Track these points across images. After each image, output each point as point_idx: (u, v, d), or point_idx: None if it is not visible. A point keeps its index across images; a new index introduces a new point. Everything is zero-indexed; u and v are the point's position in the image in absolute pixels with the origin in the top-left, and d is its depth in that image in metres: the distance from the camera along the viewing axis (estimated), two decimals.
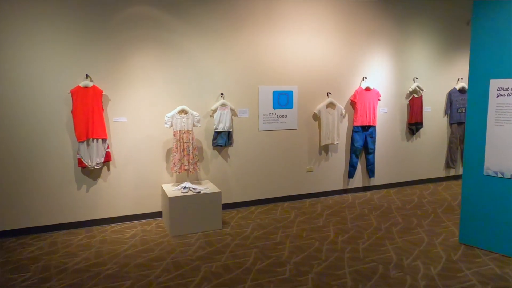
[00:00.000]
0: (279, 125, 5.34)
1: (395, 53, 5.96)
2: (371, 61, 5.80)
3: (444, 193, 5.91)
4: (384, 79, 5.94)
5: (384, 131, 6.05)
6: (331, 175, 5.77)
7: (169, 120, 4.43)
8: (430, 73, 6.29)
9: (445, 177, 6.69)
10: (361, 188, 6.03)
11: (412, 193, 5.93)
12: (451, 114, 6.51)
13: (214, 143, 4.88)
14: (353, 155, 5.79)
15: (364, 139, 5.80)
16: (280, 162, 5.41)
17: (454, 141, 6.58)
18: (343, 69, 5.62)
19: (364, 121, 5.73)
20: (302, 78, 5.38)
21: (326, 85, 5.54)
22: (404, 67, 6.07)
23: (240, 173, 5.19)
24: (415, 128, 6.23)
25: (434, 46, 6.26)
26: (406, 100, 6.18)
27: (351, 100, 5.69)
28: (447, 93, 6.48)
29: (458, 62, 6.52)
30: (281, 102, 5.31)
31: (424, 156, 6.46)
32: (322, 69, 5.48)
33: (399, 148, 6.24)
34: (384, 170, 6.14)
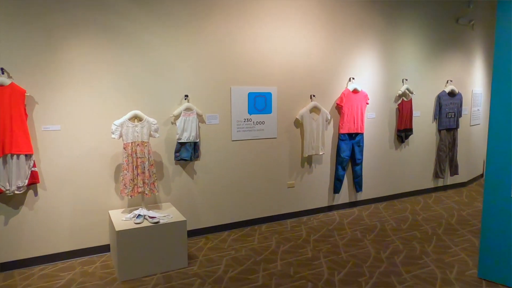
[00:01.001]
0: (256, 134, 4.48)
1: (383, 51, 5.30)
2: (359, 60, 5.09)
3: (437, 208, 5.32)
4: (372, 80, 5.26)
5: (371, 139, 5.36)
6: (315, 191, 4.99)
7: (117, 129, 3.43)
8: (419, 75, 5.70)
9: (433, 188, 6.14)
10: (348, 204, 5.30)
11: (403, 209, 5.28)
12: (440, 119, 5.96)
13: (177, 156, 3.93)
14: (339, 166, 5.05)
15: (351, 149, 5.07)
16: (257, 177, 4.55)
17: (443, 148, 6.03)
18: (329, 69, 4.87)
19: (352, 128, 5.01)
20: (282, 78, 4.56)
21: (310, 86, 4.76)
22: (393, 67, 5.43)
23: (210, 192, 4.27)
24: (404, 135, 5.60)
25: (423, 45, 5.68)
26: (395, 104, 5.54)
27: (337, 104, 4.95)
28: (436, 96, 5.93)
29: (448, 63, 5.99)
30: (258, 106, 4.45)
31: (413, 166, 5.86)
32: (305, 68, 4.69)
33: (387, 158, 5.58)
34: (372, 183, 5.45)
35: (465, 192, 6.14)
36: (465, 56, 6.21)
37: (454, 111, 5.99)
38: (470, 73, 6.37)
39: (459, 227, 4.54)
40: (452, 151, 6.13)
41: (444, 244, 4.03)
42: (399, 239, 4.18)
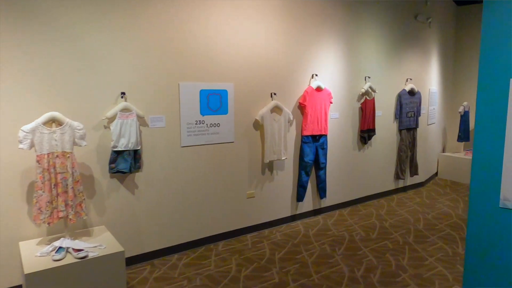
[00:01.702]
0: (210, 138, 3.84)
1: (345, 47, 4.91)
2: (321, 55, 4.65)
3: (402, 211, 5.06)
4: (335, 77, 4.85)
5: (335, 141, 4.96)
6: (277, 200, 4.46)
7: (26, 137, 2.59)
8: (380, 72, 5.41)
9: (394, 189, 5.92)
10: (312, 212, 4.85)
11: (368, 214, 4.95)
12: (400, 118, 5.75)
13: (113, 168, 3.17)
14: (302, 172, 4.57)
15: (315, 152, 4.62)
16: (212, 188, 3.91)
17: (403, 149, 5.83)
18: (290, 64, 4.36)
19: (315, 129, 4.56)
20: (240, 73, 3.96)
21: (270, 83, 4.21)
22: (355, 64, 5.07)
23: (155, 209, 3.55)
24: (367, 136, 5.28)
25: (384, 41, 5.40)
26: (358, 103, 5.20)
27: (299, 103, 4.46)
28: (397, 95, 5.70)
29: (407, 61, 5.79)
30: (211, 105, 3.82)
31: (375, 168, 5.58)
32: (265, 63, 4.14)
33: (351, 161, 5.23)
34: (335, 188, 5.06)
35: (425, 193, 6.01)
36: (423, 54, 6.07)
37: (414, 110, 5.81)
38: (428, 71, 6.26)
39: (428, 233, 4.28)
40: (412, 151, 5.96)
41: (418, 256, 3.70)
42: (371, 251, 3.79)
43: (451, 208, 5.19)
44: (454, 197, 5.74)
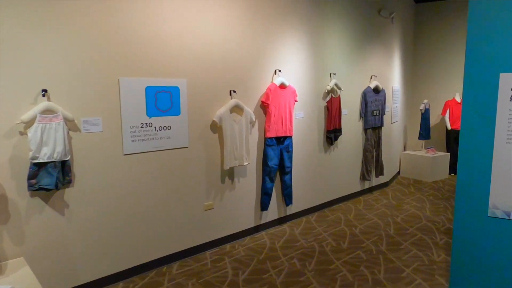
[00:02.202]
0: (159, 143, 3.28)
1: (311, 41, 4.54)
2: (285, 49, 4.23)
3: (370, 215, 4.80)
4: (299, 73, 4.47)
5: (300, 143, 4.58)
6: (239, 211, 3.99)
7: None
8: (345, 69, 5.11)
9: (360, 191, 5.68)
10: (277, 220, 4.43)
11: (336, 220, 4.63)
12: (365, 117, 5.50)
13: (33, 184, 2.52)
14: (267, 178, 4.13)
15: (279, 155, 4.21)
16: (162, 201, 3.35)
17: (369, 149, 5.60)
18: (252, 59, 3.90)
19: (280, 131, 4.14)
20: (194, 68, 3.43)
21: (229, 79, 3.72)
22: (320, 60, 4.72)
23: (92, 230, 2.94)
24: (333, 137, 4.96)
25: (349, 36, 5.10)
26: (323, 102, 4.85)
27: (262, 101, 4.01)
28: (362, 92, 5.44)
29: (371, 57, 5.55)
30: (160, 105, 3.26)
31: (341, 170, 5.28)
32: (224, 56, 3.64)
33: (317, 164, 4.88)
34: (301, 193, 4.69)
35: (390, 193, 5.83)
36: (386, 51, 5.88)
37: (379, 109, 5.59)
38: (391, 68, 6.09)
39: (401, 239, 4.02)
40: (377, 151, 5.75)
41: (394, 267, 3.40)
42: (344, 265, 3.43)
43: (418, 209, 5.01)
44: (419, 197, 5.60)
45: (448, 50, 7.22)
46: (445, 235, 4.12)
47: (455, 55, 7.16)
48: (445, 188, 6.12)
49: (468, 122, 2.50)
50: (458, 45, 7.12)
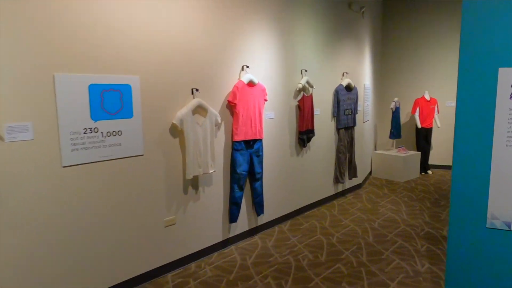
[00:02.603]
0: (108, 151, 2.77)
1: (280, 35, 4.17)
2: (252, 44, 3.83)
3: (346, 221, 4.51)
4: (268, 70, 4.08)
5: (271, 146, 4.20)
6: (205, 224, 3.54)
7: None
8: (317, 65, 4.80)
9: (334, 195, 5.40)
10: (247, 232, 4.03)
11: (311, 229, 4.29)
12: (338, 117, 5.22)
13: None
14: (235, 186, 3.72)
15: (249, 161, 3.80)
16: (113, 220, 2.84)
17: (342, 150, 5.33)
18: (217, 53, 3.46)
19: (248, 133, 3.73)
20: (149, 63, 2.95)
21: (191, 76, 3.27)
22: (291, 55, 4.37)
23: (23, 260, 2.39)
24: (306, 138, 4.63)
25: (320, 31, 4.79)
26: (295, 101, 4.50)
27: (229, 101, 3.59)
28: (334, 90, 5.16)
29: (343, 53, 5.28)
30: (108, 106, 2.75)
31: (314, 174, 4.97)
32: (184, 50, 3.17)
33: (289, 168, 4.52)
34: (273, 201, 4.31)
35: (364, 195, 5.60)
36: (357, 46, 5.64)
37: (351, 108, 5.33)
38: (362, 65, 5.87)
39: (381, 248, 3.75)
40: (350, 152, 5.50)
41: (378, 281, 3.10)
42: (324, 281, 3.08)
43: (394, 213, 4.79)
44: (394, 199, 5.41)
45: (417, 47, 7.14)
46: (426, 240, 3.90)
47: (424, 52, 7.09)
48: (418, 188, 5.98)
49: (463, 123, 2.21)
50: (426, 42, 7.05)
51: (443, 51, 6.97)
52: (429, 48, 7.06)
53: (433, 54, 7.03)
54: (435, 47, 7.01)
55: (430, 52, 7.05)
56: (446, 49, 6.95)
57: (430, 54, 7.05)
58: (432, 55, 7.04)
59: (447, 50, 6.94)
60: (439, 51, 7.00)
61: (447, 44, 6.93)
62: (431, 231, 4.16)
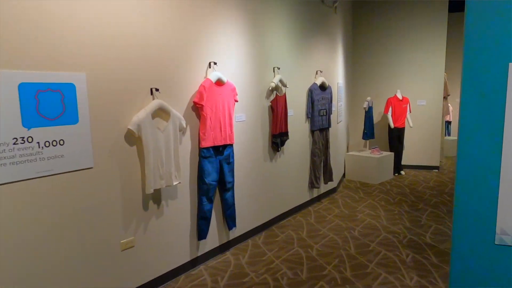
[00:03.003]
0: (46, 165, 2.26)
1: (250, 29, 3.79)
2: (221, 38, 3.42)
3: (325, 230, 4.21)
4: (238, 67, 3.69)
5: (242, 151, 3.81)
6: (169, 244, 3.09)
7: None
8: (290, 63, 4.47)
9: (309, 201, 5.10)
10: (218, 249, 3.61)
11: (288, 240, 3.95)
12: (312, 118, 4.92)
13: None
14: (204, 198, 3.29)
15: (219, 169, 3.39)
16: (56, 247, 2.33)
17: (317, 153, 5.03)
18: (180, 48, 3.02)
19: (218, 138, 3.32)
20: (98, 58, 2.46)
21: (150, 74, 2.81)
22: (262, 50, 4.00)
23: None
24: (280, 141, 4.28)
25: (293, 26, 4.46)
26: (267, 101, 4.14)
27: (194, 102, 3.15)
28: (308, 90, 4.85)
29: (316, 50, 4.99)
30: (46, 110, 2.24)
31: (289, 179, 4.63)
32: (142, 44, 2.71)
33: (262, 174, 4.15)
34: (246, 212, 3.93)
35: (340, 200, 5.34)
36: (331, 43, 5.38)
37: (326, 108, 5.05)
38: (336, 62, 5.61)
39: (364, 259, 3.47)
40: (326, 155, 5.22)
41: None
42: None
43: (373, 218, 4.55)
44: (371, 203, 5.19)
45: (387, 45, 7.02)
46: (410, 249, 3.66)
47: (395, 50, 6.98)
48: (394, 190, 5.81)
49: (468, 125, 1.93)
50: (397, 40, 6.94)
51: (413, 49, 6.90)
52: (400, 46, 6.96)
53: (404, 52, 6.94)
54: (405, 45, 6.92)
55: (401, 50, 6.95)
56: (416, 48, 6.87)
57: (401, 52, 6.96)
58: (403, 53, 6.94)
59: (417, 48, 6.87)
60: (410, 49, 6.91)
61: (416, 42, 6.86)
62: (414, 237, 3.94)
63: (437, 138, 7.05)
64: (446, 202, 5.14)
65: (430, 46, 6.79)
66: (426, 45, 6.81)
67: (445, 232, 4.08)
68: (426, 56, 6.84)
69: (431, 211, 4.80)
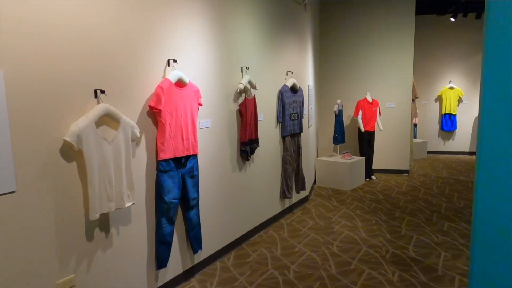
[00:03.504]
0: None
1: (216, 24, 3.33)
2: (181, 31, 2.93)
3: (300, 246, 3.83)
4: (202, 66, 3.22)
5: (208, 162, 3.34)
6: (120, 279, 2.55)
7: None
8: (258, 63, 4.06)
9: (281, 212, 4.71)
10: (181, 276, 3.11)
11: (260, 260, 3.52)
12: (283, 122, 4.54)
13: None
14: (163, 220, 2.78)
15: (180, 184, 2.89)
16: None
17: (289, 160, 4.66)
18: (132, 40, 2.50)
19: (179, 148, 2.83)
20: (20, 52, 1.90)
21: (94, 73, 2.27)
22: (229, 47, 3.55)
23: None
24: (249, 150, 3.85)
25: (262, 22, 4.06)
26: (235, 105, 3.70)
27: (150, 106, 2.64)
28: (278, 92, 4.47)
29: (286, 49, 4.62)
30: None
31: (259, 191, 4.22)
32: (83, 33, 2.17)
33: (231, 187, 3.70)
34: (212, 231, 3.46)
35: (313, 210, 5.00)
36: (301, 42, 5.04)
37: (297, 111, 4.70)
38: (306, 63, 5.29)
39: (348, 280, 3.11)
40: (298, 162, 4.86)
41: None
42: None
43: (351, 230, 4.24)
44: (346, 212, 4.89)
45: (356, 46, 6.82)
46: (395, 266, 3.36)
47: (364, 51, 6.80)
48: (367, 197, 5.57)
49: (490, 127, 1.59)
50: (366, 40, 6.77)
51: (381, 51, 6.75)
52: (368, 47, 6.79)
53: (372, 53, 6.78)
54: (373, 47, 6.76)
55: (369, 51, 6.79)
56: (384, 49, 6.74)
57: (369, 54, 6.79)
58: (371, 54, 6.78)
59: (385, 50, 6.73)
60: (378, 50, 6.76)
61: (384, 44, 6.73)
62: (396, 251, 3.65)
63: (407, 141, 6.94)
64: (422, 209, 4.95)
65: (398, 48, 6.67)
66: (394, 47, 6.69)
67: (428, 243, 3.84)
68: (394, 57, 6.72)
69: (408, 219, 4.57)
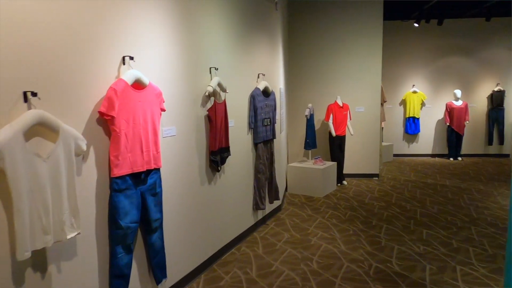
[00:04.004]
0: None
1: (180, 17, 2.90)
2: (139, 23, 2.48)
3: (277, 264, 3.48)
4: (165, 64, 2.78)
5: (172, 176, 2.90)
6: None
7: None
8: (229, 63, 3.67)
9: (254, 225, 4.33)
10: None
11: (234, 284, 3.13)
12: (256, 128, 4.18)
13: None
14: (118, 249, 2.31)
15: (140, 204, 2.43)
16: None
17: (262, 169, 4.30)
18: (76, 32, 2.01)
19: (138, 162, 2.37)
20: None
21: (21, 70, 1.77)
22: (195, 45, 3.13)
23: None
24: (219, 159, 3.44)
25: (232, 21, 3.68)
26: (203, 110, 3.27)
27: (100, 113, 2.16)
28: (250, 95, 4.10)
29: (257, 50, 4.27)
30: None
31: (231, 204, 3.82)
32: (3, 21, 1.67)
33: (199, 202, 3.27)
34: (178, 254, 3.01)
35: (287, 221, 4.67)
36: (271, 44, 4.72)
37: (270, 116, 4.35)
38: (277, 65, 4.96)
39: None
40: (271, 170, 4.51)
41: None
42: None
43: (329, 243, 3.95)
44: (322, 222, 4.61)
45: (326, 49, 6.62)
46: (380, 283, 3.09)
47: (333, 54, 6.61)
48: (341, 204, 5.33)
49: None
50: (335, 44, 6.58)
51: (350, 54, 6.60)
52: (337, 50, 6.62)
53: (341, 57, 6.61)
54: (342, 50, 6.59)
55: (338, 54, 6.61)
56: (353, 53, 6.59)
57: (338, 57, 6.62)
58: (340, 57, 6.61)
59: (354, 54, 6.59)
60: (347, 54, 6.60)
61: (353, 47, 6.58)
62: (380, 266, 3.39)
63: (376, 145, 6.83)
64: (398, 216, 4.78)
65: (366, 52, 6.55)
66: (363, 50, 6.56)
67: (410, 255, 3.62)
68: (363, 61, 6.59)
69: (386, 227, 4.36)
